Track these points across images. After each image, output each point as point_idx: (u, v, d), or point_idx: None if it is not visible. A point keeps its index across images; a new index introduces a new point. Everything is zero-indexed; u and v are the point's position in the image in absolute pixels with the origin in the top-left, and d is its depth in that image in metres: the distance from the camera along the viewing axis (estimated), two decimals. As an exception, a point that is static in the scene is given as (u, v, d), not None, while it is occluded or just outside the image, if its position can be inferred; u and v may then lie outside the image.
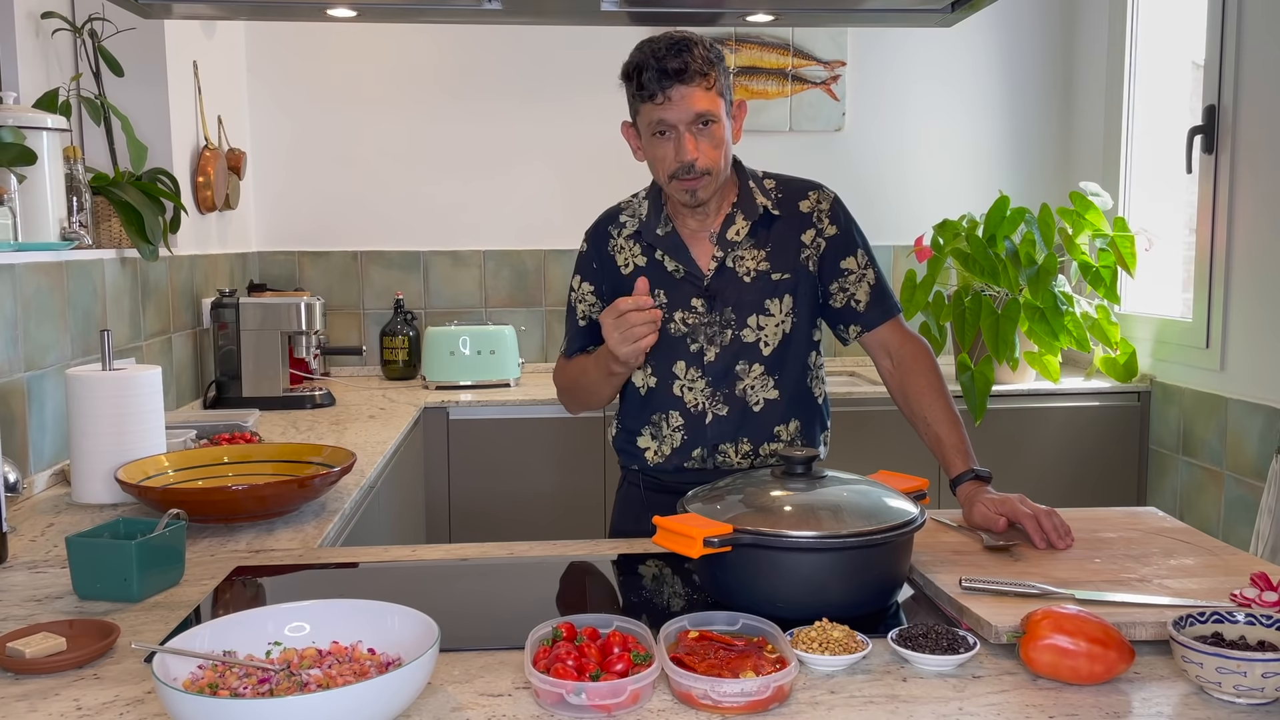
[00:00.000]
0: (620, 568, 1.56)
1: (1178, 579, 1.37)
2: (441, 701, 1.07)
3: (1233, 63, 3.00)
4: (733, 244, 1.81)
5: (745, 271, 1.81)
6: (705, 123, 1.70)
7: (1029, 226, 3.37)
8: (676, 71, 1.67)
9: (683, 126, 1.70)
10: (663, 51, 1.68)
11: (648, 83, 1.69)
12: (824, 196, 1.86)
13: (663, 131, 1.71)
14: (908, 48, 3.92)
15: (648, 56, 1.70)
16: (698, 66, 1.68)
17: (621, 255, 1.89)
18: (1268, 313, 2.90)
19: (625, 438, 1.94)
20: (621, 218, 1.92)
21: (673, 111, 1.69)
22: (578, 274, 1.96)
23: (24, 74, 2.37)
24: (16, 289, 2.07)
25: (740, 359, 1.82)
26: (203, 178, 3.14)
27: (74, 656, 1.17)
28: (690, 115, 1.69)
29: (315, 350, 3.21)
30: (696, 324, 1.82)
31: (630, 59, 1.74)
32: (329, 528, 1.80)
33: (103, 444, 1.91)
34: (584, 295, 1.94)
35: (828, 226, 1.84)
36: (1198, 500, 3.21)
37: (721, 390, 1.82)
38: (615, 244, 1.90)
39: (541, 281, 3.92)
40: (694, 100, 1.68)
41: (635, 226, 1.89)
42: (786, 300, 1.82)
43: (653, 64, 1.68)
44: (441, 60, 3.81)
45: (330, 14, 2.00)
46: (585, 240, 1.97)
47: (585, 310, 1.94)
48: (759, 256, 1.82)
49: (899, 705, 1.07)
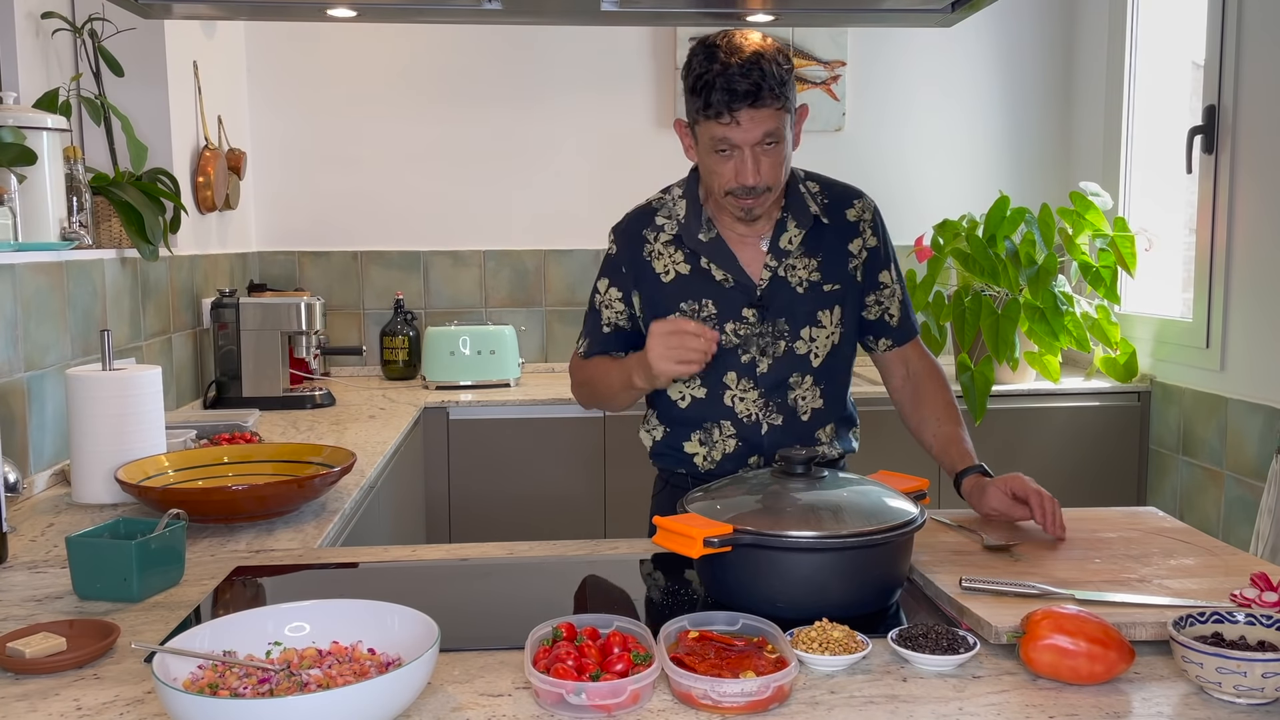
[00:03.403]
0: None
1: (1178, 579, 1.37)
2: (441, 701, 1.07)
3: (1233, 63, 3.00)
4: (786, 252, 1.75)
5: (798, 282, 1.75)
6: (771, 142, 1.62)
7: (1029, 226, 3.37)
8: (748, 94, 1.56)
9: (747, 148, 1.61)
10: (734, 71, 1.56)
11: (715, 102, 1.58)
12: (867, 206, 1.81)
13: (724, 150, 1.62)
14: (908, 48, 3.92)
15: (716, 74, 1.58)
16: (770, 86, 1.57)
17: (660, 262, 1.78)
18: (1268, 313, 2.90)
19: (669, 445, 1.89)
20: (657, 219, 1.81)
21: (739, 133, 1.59)
22: (605, 277, 1.84)
23: (24, 74, 2.37)
24: (16, 289, 2.07)
25: (793, 370, 1.76)
26: (203, 178, 3.14)
27: (74, 656, 1.17)
28: (757, 137, 1.60)
29: (315, 350, 3.21)
30: (748, 335, 1.75)
31: (695, 67, 1.62)
32: (329, 528, 1.80)
33: (103, 444, 1.91)
34: (610, 301, 1.84)
35: (870, 237, 1.80)
36: (1198, 500, 3.21)
37: (774, 401, 1.77)
38: (652, 249, 1.79)
39: (541, 281, 3.92)
40: (764, 121, 1.59)
41: (674, 230, 1.78)
42: (836, 311, 1.77)
43: (722, 83, 1.57)
44: (441, 60, 3.81)
45: (330, 14, 2.00)
46: (614, 241, 1.86)
47: (611, 318, 1.84)
48: (811, 266, 1.76)
49: (899, 705, 1.07)
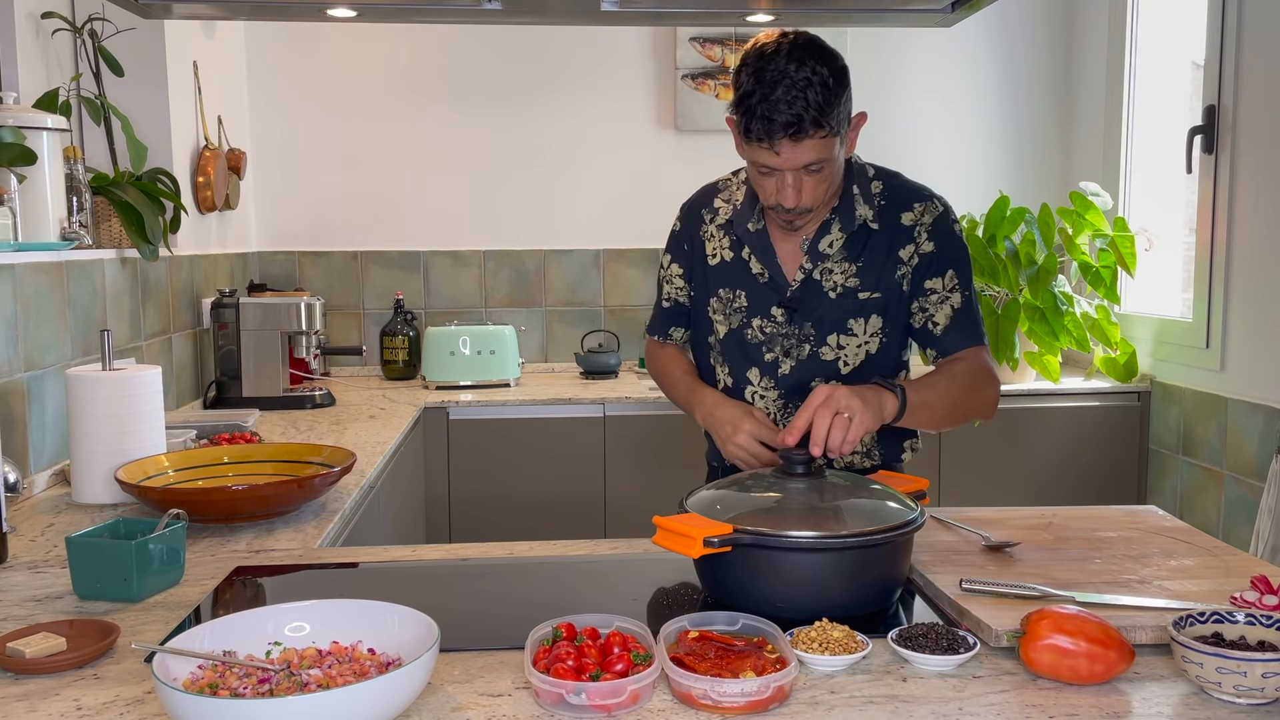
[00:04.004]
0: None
1: (1177, 580, 1.37)
2: (441, 701, 1.07)
3: (1233, 63, 3.00)
4: (824, 255, 1.70)
5: (832, 286, 1.70)
6: (815, 169, 1.56)
7: (1029, 226, 3.37)
8: (788, 124, 1.50)
9: (789, 173, 1.56)
10: (778, 99, 1.49)
11: (755, 130, 1.52)
12: (929, 209, 1.71)
13: (766, 171, 1.58)
14: (908, 48, 3.93)
15: (758, 100, 1.51)
16: (814, 118, 1.50)
17: (711, 244, 1.79)
18: (1268, 313, 2.90)
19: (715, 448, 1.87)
20: (716, 201, 1.80)
21: (779, 161, 1.55)
22: (669, 253, 1.86)
23: (24, 74, 2.37)
24: (16, 289, 2.07)
25: (817, 376, 1.72)
26: (203, 178, 3.14)
27: (74, 656, 1.17)
28: (799, 165, 1.54)
29: (315, 350, 3.21)
30: (774, 333, 1.73)
31: (742, 81, 1.54)
32: (329, 528, 1.80)
33: (103, 444, 1.91)
34: (672, 276, 1.85)
35: (925, 242, 1.69)
36: (1198, 500, 3.21)
37: (794, 404, 1.73)
38: (707, 229, 1.80)
39: (541, 281, 3.92)
40: (804, 152, 1.53)
41: (728, 214, 1.76)
42: (874, 320, 1.71)
43: (763, 111, 1.50)
44: (441, 60, 3.81)
45: (330, 14, 2.00)
46: (680, 217, 1.86)
47: (672, 293, 1.85)
48: (849, 271, 1.70)
49: (899, 705, 1.07)
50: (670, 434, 3.30)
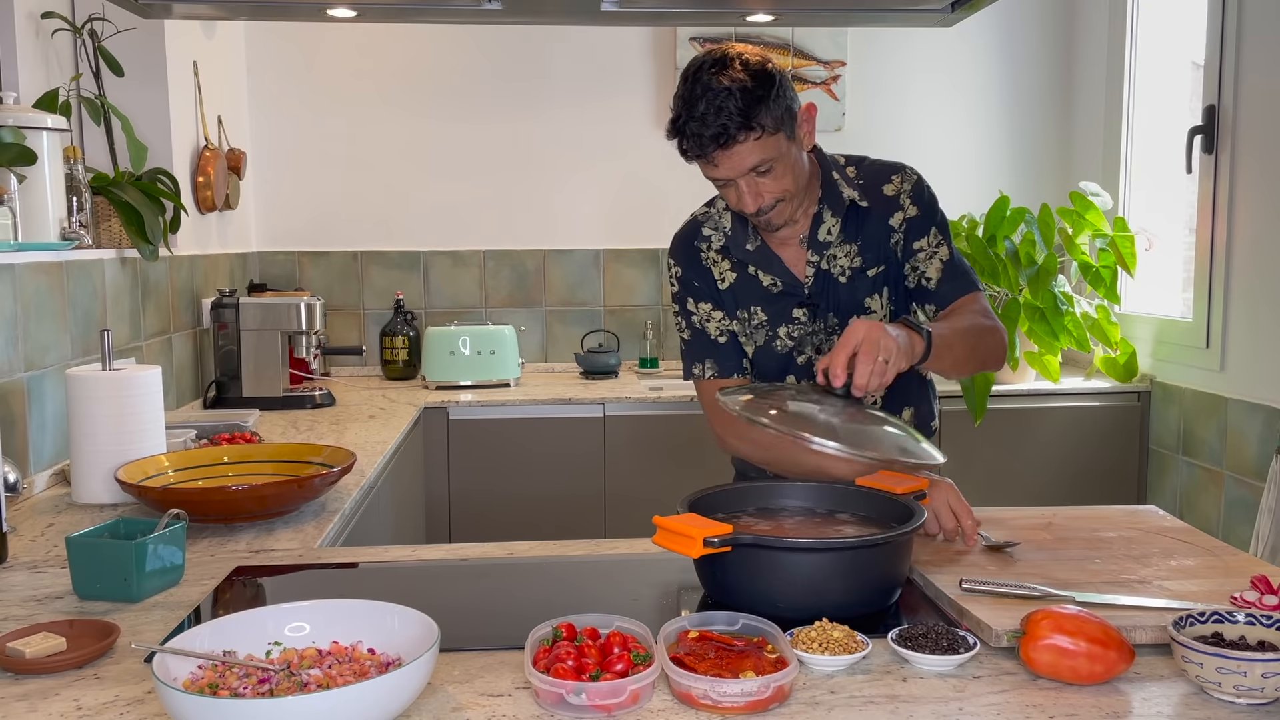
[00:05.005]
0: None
1: (1177, 580, 1.37)
2: (441, 701, 1.07)
3: (1233, 63, 3.00)
4: (825, 244, 1.73)
5: (840, 271, 1.74)
6: (764, 169, 1.59)
7: (1029, 226, 3.37)
8: (715, 137, 1.54)
9: (740, 180, 1.60)
10: (700, 114, 1.53)
11: (689, 148, 1.57)
12: (907, 178, 1.77)
13: (719, 182, 1.63)
14: (908, 48, 3.93)
15: (685, 119, 1.55)
16: (739, 122, 1.53)
17: (716, 270, 1.79)
18: (1268, 313, 2.90)
19: None
20: (705, 231, 1.80)
21: (722, 172, 1.59)
22: (690, 298, 1.81)
23: (24, 74, 2.37)
24: (16, 289, 2.07)
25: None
26: (203, 178, 3.14)
27: (74, 656, 1.17)
28: (742, 170, 1.58)
29: (315, 350, 3.21)
30: (802, 335, 1.76)
31: (673, 106, 1.59)
32: (329, 528, 1.80)
33: (103, 444, 1.91)
34: (711, 315, 1.80)
35: (910, 207, 1.75)
36: (1198, 500, 3.21)
37: None
38: (707, 257, 1.79)
39: (541, 281, 3.92)
40: (742, 158, 1.56)
41: (721, 240, 1.78)
42: (885, 293, 1.75)
43: (690, 130, 1.55)
44: (441, 60, 3.81)
45: (330, 14, 2.00)
46: (675, 263, 1.83)
47: (720, 328, 1.80)
48: (851, 253, 1.74)
49: (899, 705, 1.07)
50: (670, 434, 3.30)
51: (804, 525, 1.45)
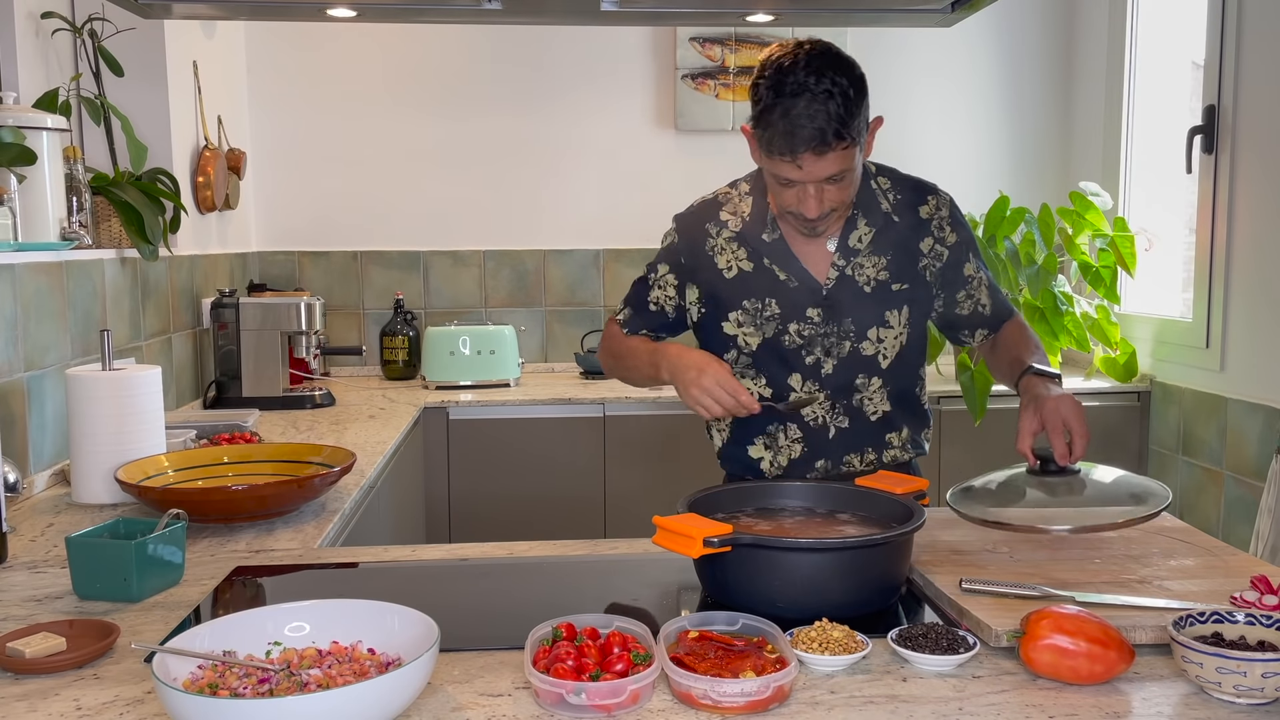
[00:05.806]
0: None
1: (1178, 580, 1.37)
2: (441, 701, 1.07)
3: (1233, 63, 3.00)
4: (854, 251, 1.71)
5: (866, 281, 1.72)
6: (837, 179, 1.58)
7: (1029, 226, 3.37)
8: (811, 139, 1.51)
9: (811, 184, 1.57)
10: (799, 113, 1.50)
11: (778, 145, 1.53)
12: (942, 202, 1.77)
13: (787, 183, 1.59)
14: (908, 48, 3.92)
15: (779, 115, 1.51)
16: (836, 128, 1.51)
17: (723, 257, 1.75)
18: (1268, 313, 2.90)
19: (735, 448, 1.84)
20: (723, 214, 1.77)
21: (802, 174, 1.56)
22: (664, 262, 1.81)
23: (24, 74, 2.37)
24: (16, 289, 2.07)
25: (859, 372, 1.74)
26: (203, 178, 3.14)
27: (74, 656, 1.17)
28: (821, 176, 1.56)
29: (315, 350, 3.21)
30: (813, 335, 1.73)
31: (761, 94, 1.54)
32: (329, 528, 1.80)
33: (103, 444, 1.91)
34: (665, 282, 1.81)
35: (949, 234, 1.75)
36: (1198, 500, 3.21)
37: (841, 403, 1.75)
38: (714, 244, 1.76)
39: (541, 281, 3.92)
40: (827, 164, 1.54)
41: (738, 226, 1.74)
42: (905, 311, 1.74)
43: (784, 126, 1.51)
44: (441, 60, 3.81)
45: (330, 14, 2.00)
46: (675, 230, 1.82)
47: (660, 298, 1.81)
48: (879, 265, 1.72)
49: (899, 705, 1.07)
50: (670, 434, 3.30)
51: (804, 525, 1.44)
